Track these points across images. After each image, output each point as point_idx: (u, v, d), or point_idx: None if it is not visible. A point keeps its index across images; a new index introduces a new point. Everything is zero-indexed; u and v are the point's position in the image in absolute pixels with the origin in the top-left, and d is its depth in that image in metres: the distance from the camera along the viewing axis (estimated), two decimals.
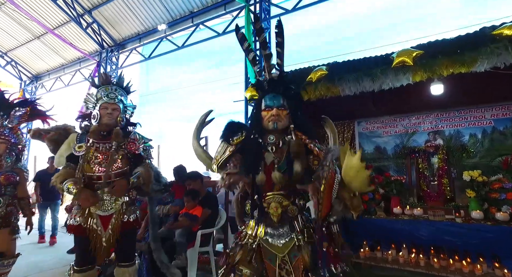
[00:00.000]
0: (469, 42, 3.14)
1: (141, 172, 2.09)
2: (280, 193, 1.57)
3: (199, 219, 2.84)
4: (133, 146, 2.15)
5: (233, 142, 1.68)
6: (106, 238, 2.00)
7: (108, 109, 2.11)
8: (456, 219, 3.24)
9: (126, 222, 2.07)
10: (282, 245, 1.54)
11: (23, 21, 9.70)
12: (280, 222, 1.55)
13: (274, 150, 1.62)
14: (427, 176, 3.86)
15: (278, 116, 1.62)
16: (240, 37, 1.83)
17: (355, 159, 1.31)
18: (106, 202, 2.04)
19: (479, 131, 4.14)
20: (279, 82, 1.70)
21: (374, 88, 3.71)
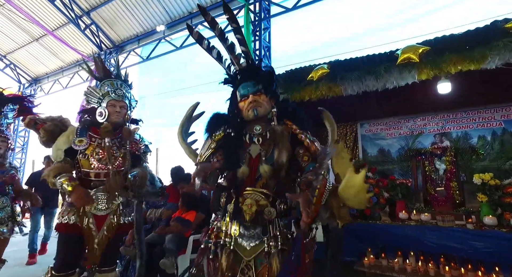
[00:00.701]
0: (479, 37, 2.98)
1: (138, 172, 1.99)
2: (260, 191, 1.42)
3: (192, 224, 2.64)
4: (135, 146, 2.10)
5: (214, 137, 1.58)
6: (98, 240, 1.85)
7: (116, 107, 2.00)
8: (467, 225, 3.04)
9: (122, 225, 1.95)
10: (250, 248, 1.39)
11: (21, 23, 9.64)
12: (253, 222, 1.40)
13: (260, 142, 1.49)
14: (434, 179, 3.67)
15: (256, 102, 1.49)
16: (196, 38, 1.66)
17: (358, 179, 1.17)
18: (101, 201, 1.90)
19: (488, 133, 3.95)
20: (249, 69, 1.58)
21: (377, 87, 3.55)
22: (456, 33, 3.14)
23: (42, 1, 8.38)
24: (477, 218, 3.10)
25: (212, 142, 1.57)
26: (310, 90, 3.94)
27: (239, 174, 1.45)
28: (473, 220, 3.08)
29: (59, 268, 1.83)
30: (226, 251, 1.42)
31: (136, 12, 7.98)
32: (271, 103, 1.55)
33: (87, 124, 2.05)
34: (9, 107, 2.71)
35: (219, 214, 1.56)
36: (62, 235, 1.88)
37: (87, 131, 2.00)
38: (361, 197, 1.18)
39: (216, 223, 1.53)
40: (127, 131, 2.05)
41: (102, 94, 2.02)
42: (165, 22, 7.78)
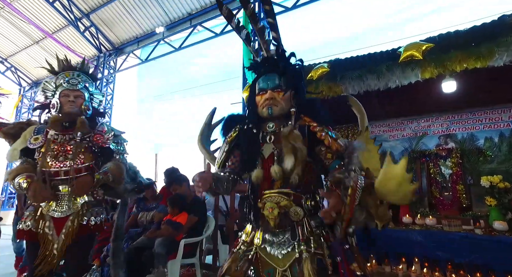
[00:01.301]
0: (486, 33, 2.85)
1: (109, 167, 1.82)
2: (279, 191, 1.30)
3: (183, 227, 2.51)
4: (100, 138, 1.89)
5: (227, 139, 1.49)
6: (58, 245, 1.67)
7: (70, 96, 1.88)
8: (476, 230, 2.88)
9: (85, 226, 1.75)
10: (282, 256, 1.24)
11: (22, 26, 9.65)
12: (280, 227, 1.27)
13: (273, 140, 1.38)
14: (440, 182, 3.51)
15: (273, 99, 1.38)
16: (226, 15, 1.58)
17: (399, 169, 1.02)
18: (63, 201, 1.74)
19: (495, 134, 3.79)
20: (276, 59, 1.45)
21: (379, 86, 3.42)
22: (461, 30, 3.02)
23: (42, 4, 8.39)
24: (485, 223, 2.94)
25: (225, 145, 1.50)
26: (310, 90, 3.83)
27: (253, 178, 1.35)
28: (481, 224, 2.93)
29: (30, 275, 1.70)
30: (236, 258, 1.31)
31: (136, 13, 7.96)
32: (291, 102, 1.42)
33: (47, 121, 1.95)
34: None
35: (245, 224, 1.46)
36: (26, 243, 1.78)
37: (43, 130, 1.88)
38: (404, 189, 1.03)
39: (241, 234, 1.43)
40: (80, 121, 1.89)
41: (56, 86, 1.93)
42: (165, 24, 7.75)
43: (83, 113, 1.92)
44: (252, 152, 1.37)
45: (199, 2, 7.03)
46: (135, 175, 2.06)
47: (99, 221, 1.79)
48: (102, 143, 1.89)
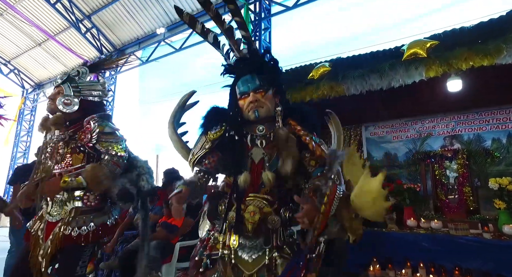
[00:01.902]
0: (494, 29, 2.75)
1: (84, 170, 1.66)
2: (263, 197, 1.29)
3: (179, 229, 2.42)
4: (84, 136, 1.72)
5: (210, 136, 1.42)
6: (44, 251, 1.58)
7: (51, 95, 1.81)
8: (484, 234, 2.76)
9: (67, 236, 1.61)
10: (251, 261, 1.25)
11: (24, 28, 9.69)
12: (255, 231, 1.25)
13: (264, 145, 1.34)
14: (445, 184, 3.40)
15: (257, 101, 1.35)
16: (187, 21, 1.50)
17: (375, 183, 1.01)
18: (55, 205, 1.65)
19: (503, 135, 3.68)
20: (251, 59, 1.42)
21: (382, 86, 3.34)
22: (466, 26, 2.92)
23: (43, 6, 8.42)
24: (494, 227, 2.83)
25: (207, 140, 1.42)
26: (311, 90, 3.75)
27: (240, 182, 1.31)
28: (490, 228, 2.81)
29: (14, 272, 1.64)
30: (225, 265, 1.27)
31: (137, 15, 7.96)
32: (275, 101, 1.40)
33: None
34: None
35: (217, 223, 1.40)
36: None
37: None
38: (378, 205, 1.01)
39: (213, 233, 1.38)
40: (56, 118, 1.75)
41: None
42: (166, 25, 7.74)
43: (63, 108, 1.75)
44: (240, 158, 1.34)
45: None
46: (137, 178, 1.87)
47: (84, 232, 1.64)
48: (86, 141, 1.72)
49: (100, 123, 1.77)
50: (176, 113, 1.67)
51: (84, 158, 1.74)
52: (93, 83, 1.92)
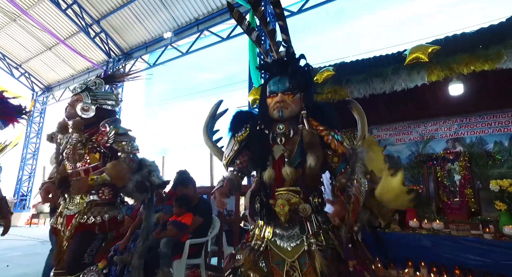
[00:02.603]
0: (494, 35, 2.82)
1: (106, 167, 1.83)
2: (289, 189, 1.38)
3: (188, 227, 2.53)
4: (101, 137, 1.90)
5: (238, 138, 1.54)
6: (66, 239, 1.77)
7: (70, 101, 1.97)
8: (485, 235, 2.82)
9: (82, 223, 1.78)
10: (291, 249, 1.33)
11: (36, 32, 9.95)
12: (290, 222, 1.36)
13: (283, 142, 1.43)
14: (447, 186, 3.46)
15: (283, 102, 1.43)
16: (237, 17, 1.61)
17: (396, 182, 1.11)
18: (73, 200, 1.81)
19: (505, 138, 3.72)
20: (286, 62, 1.49)
21: (385, 89, 3.41)
22: (468, 32, 3.00)
23: (55, 11, 8.65)
24: (495, 228, 2.88)
25: (235, 143, 1.54)
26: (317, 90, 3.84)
27: (265, 178, 1.40)
28: (491, 229, 2.86)
29: (55, 265, 1.81)
30: (250, 250, 1.37)
31: (144, 19, 8.14)
32: (301, 104, 1.46)
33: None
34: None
35: (256, 219, 1.50)
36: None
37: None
38: (402, 200, 1.11)
39: (253, 228, 1.49)
40: (72, 123, 1.92)
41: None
42: (172, 29, 7.90)
43: (81, 114, 1.94)
44: (263, 153, 1.43)
45: (206, 7, 7.15)
46: (149, 174, 2.04)
47: (99, 220, 1.79)
48: (103, 142, 1.90)
49: (114, 126, 1.94)
50: (208, 122, 1.80)
51: (100, 157, 1.91)
52: (108, 93, 2.10)
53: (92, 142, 1.90)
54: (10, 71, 11.89)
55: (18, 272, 3.87)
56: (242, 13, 1.63)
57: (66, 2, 8.18)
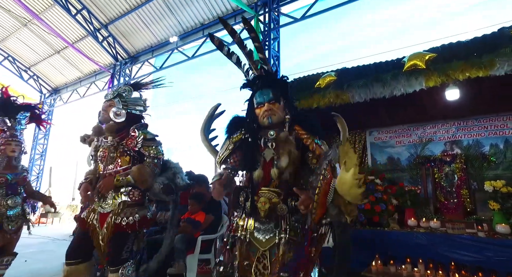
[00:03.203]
0: (487, 44, 2.99)
1: (131, 170, 2.00)
2: (273, 190, 1.57)
3: (201, 225, 2.71)
4: (131, 142, 2.06)
5: (232, 139, 1.71)
6: (102, 236, 1.94)
7: (103, 107, 2.11)
8: (479, 233, 2.97)
9: (118, 224, 1.96)
10: (265, 240, 1.56)
11: (45, 36, 10.20)
12: (267, 217, 1.56)
13: (273, 146, 1.60)
14: (444, 187, 3.62)
15: (270, 110, 1.62)
16: (217, 44, 1.85)
17: (348, 176, 1.25)
18: (107, 199, 1.99)
19: (500, 141, 3.88)
20: (266, 77, 1.72)
21: (385, 94, 3.56)
22: (463, 40, 3.16)
23: (64, 16, 8.89)
24: (489, 226, 3.03)
25: (230, 143, 1.71)
26: (318, 97, 3.98)
27: (254, 176, 1.59)
28: (484, 228, 3.01)
29: (67, 256, 1.96)
30: (242, 243, 1.59)
31: (151, 24, 8.35)
32: (285, 111, 1.66)
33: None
34: (22, 114, 2.90)
35: (238, 211, 1.69)
36: (77, 228, 2.06)
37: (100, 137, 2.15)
38: (354, 192, 1.25)
39: (236, 219, 1.69)
40: (106, 127, 2.09)
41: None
42: (178, 33, 8.10)
43: (114, 119, 2.08)
44: (254, 156, 1.62)
45: (211, 12, 7.34)
46: (173, 176, 2.20)
47: (131, 221, 1.96)
48: (132, 146, 2.04)
49: (143, 131, 2.11)
50: (206, 123, 1.99)
51: (130, 160, 2.07)
52: (137, 99, 2.24)
53: (122, 146, 2.05)
54: (20, 74, 12.16)
55: (36, 267, 4.06)
56: (222, 42, 1.83)
57: (76, 7, 8.40)
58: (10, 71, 12.00)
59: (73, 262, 1.92)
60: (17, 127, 2.83)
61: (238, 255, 1.58)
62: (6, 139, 2.71)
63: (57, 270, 4.03)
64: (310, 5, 5.65)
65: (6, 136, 2.73)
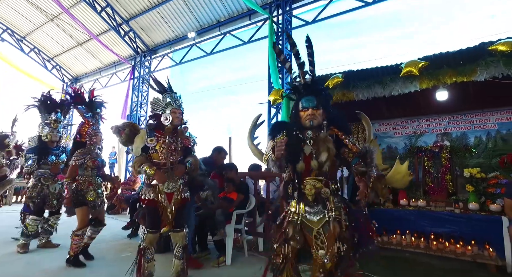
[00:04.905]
0: (469, 55, 3.54)
1: (192, 160, 2.74)
2: (315, 178, 1.86)
3: (234, 201, 3.50)
4: (187, 141, 2.80)
5: (276, 139, 1.97)
6: (170, 210, 2.65)
7: (177, 113, 2.70)
8: (455, 210, 3.69)
9: (183, 198, 2.73)
10: (317, 220, 1.83)
11: (70, 30, 10.84)
12: (315, 201, 1.84)
13: (312, 143, 1.90)
14: (432, 173, 4.30)
15: (313, 115, 1.89)
16: (277, 51, 2.34)
17: (404, 167, 1.78)
18: (170, 182, 2.68)
19: (483, 134, 4.50)
20: (312, 86, 1.99)
21: (385, 94, 4.19)
22: (451, 51, 3.73)
23: (90, 12, 9.48)
24: (464, 205, 3.73)
25: (274, 143, 1.94)
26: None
27: (298, 168, 1.84)
28: (460, 206, 3.73)
29: (149, 226, 2.65)
30: (293, 225, 1.85)
31: (169, 20, 8.89)
32: (324, 117, 1.92)
33: (152, 127, 2.74)
34: (99, 111, 3.53)
35: (290, 201, 1.95)
36: (146, 207, 2.69)
37: (153, 133, 2.70)
38: (406, 180, 1.79)
39: (289, 208, 1.93)
40: (181, 131, 2.77)
41: (165, 104, 2.70)
42: (195, 29, 8.63)
43: (181, 125, 2.79)
44: (297, 151, 1.89)
45: (227, 10, 7.82)
46: (200, 165, 2.95)
47: (188, 196, 2.76)
48: (188, 144, 2.76)
49: (191, 134, 2.88)
50: (251, 130, 2.48)
51: (182, 153, 2.78)
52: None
53: (180, 143, 2.74)
54: (44, 65, 12.92)
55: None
56: (281, 50, 2.35)
57: (100, 5, 8.99)
58: (36, 61, 12.75)
59: (154, 231, 2.64)
60: (99, 121, 3.50)
61: (290, 234, 1.85)
62: (96, 131, 3.36)
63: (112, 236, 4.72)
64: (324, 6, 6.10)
65: (95, 128, 3.37)
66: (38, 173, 3.84)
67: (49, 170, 3.89)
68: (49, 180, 3.89)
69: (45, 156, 3.86)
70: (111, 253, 3.76)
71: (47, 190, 3.86)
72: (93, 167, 3.34)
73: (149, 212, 2.70)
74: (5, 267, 3.20)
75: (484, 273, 3.03)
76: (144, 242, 2.62)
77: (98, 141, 3.38)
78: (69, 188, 3.25)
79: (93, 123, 3.39)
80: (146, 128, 2.75)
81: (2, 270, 3.08)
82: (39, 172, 3.84)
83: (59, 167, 3.95)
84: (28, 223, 3.76)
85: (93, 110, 3.44)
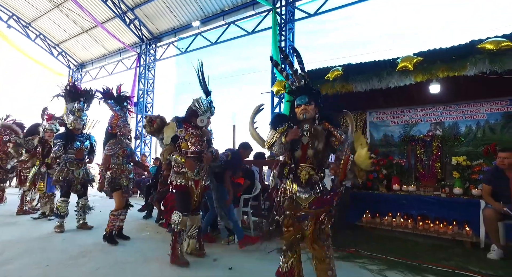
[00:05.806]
0: (460, 52, 3.78)
1: (215, 150, 3.17)
2: (309, 165, 2.27)
3: (241, 186, 3.91)
4: (209, 134, 3.19)
5: (279, 130, 2.34)
6: (196, 195, 3.06)
7: (209, 120, 3.14)
8: (442, 194, 4.08)
9: (205, 186, 3.13)
10: (305, 198, 2.27)
11: (75, 17, 10.95)
12: (306, 184, 2.26)
13: (308, 134, 2.29)
14: (423, 160, 4.66)
15: (305, 109, 2.27)
16: (274, 64, 2.71)
17: (364, 151, 2.13)
18: (197, 170, 3.04)
19: (473, 123, 4.79)
20: (304, 87, 2.39)
21: (381, 86, 4.46)
22: (443, 47, 3.97)
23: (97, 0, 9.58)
24: (450, 190, 4.12)
25: (277, 132, 2.33)
26: (327, 87, 4.86)
27: (296, 155, 2.25)
28: (446, 191, 4.11)
29: (183, 210, 2.99)
30: (288, 200, 2.27)
31: (174, 8, 9.00)
32: (315, 111, 2.30)
33: (181, 120, 3.08)
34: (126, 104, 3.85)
35: (283, 179, 2.36)
36: (178, 192, 3.03)
37: (182, 125, 3.04)
38: (367, 162, 2.13)
39: (283, 185, 2.34)
40: (207, 131, 3.17)
41: (205, 109, 3.07)
42: (200, 18, 8.76)
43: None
44: (296, 141, 2.27)
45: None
46: (217, 155, 3.32)
47: (209, 183, 3.17)
48: (208, 137, 3.17)
49: (210, 130, 3.24)
50: (252, 117, 2.82)
51: (205, 144, 3.14)
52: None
53: (202, 134, 3.09)
54: (50, 51, 13.12)
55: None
56: (278, 61, 2.67)
57: None
58: (42, 48, 12.93)
59: (186, 214, 3.00)
60: (126, 114, 3.83)
61: (287, 207, 2.27)
62: (124, 123, 3.70)
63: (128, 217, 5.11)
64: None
65: (124, 121, 3.71)
66: (64, 158, 4.15)
67: (74, 155, 4.20)
68: (74, 165, 4.20)
69: (71, 142, 4.16)
70: (133, 233, 4.21)
71: (72, 175, 4.19)
72: (123, 156, 3.72)
73: (181, 196, 3.03)
74: (45, 242, 3.69)
75: (461, 249, 3.44)
76: (179, 225, 2.94)
77: (127, 132, 3.74)
78: (102, 174, 3.64)
79: (122, 116, 3.72)
80: (175, 120, 3.06)
81: (42, 245, 3.56)
82: (65, 156, 4.15)
83: (83, 153, 4.29)
84: (59, 205, 4.18)
85: (121, 104, 3.77)
